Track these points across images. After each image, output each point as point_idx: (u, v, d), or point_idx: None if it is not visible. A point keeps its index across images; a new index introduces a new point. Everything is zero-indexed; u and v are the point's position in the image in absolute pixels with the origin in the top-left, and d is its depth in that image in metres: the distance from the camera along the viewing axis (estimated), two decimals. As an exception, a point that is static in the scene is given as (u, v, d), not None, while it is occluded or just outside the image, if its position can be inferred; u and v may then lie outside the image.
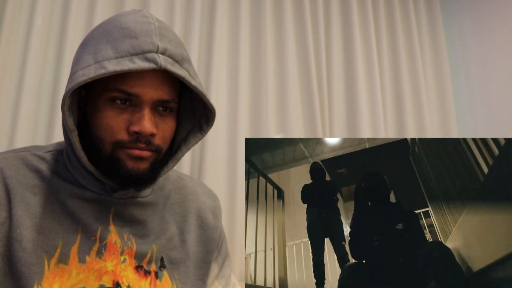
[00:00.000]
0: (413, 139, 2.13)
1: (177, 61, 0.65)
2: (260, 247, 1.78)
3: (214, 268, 0.87)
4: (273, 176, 2.19)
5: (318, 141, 2.14)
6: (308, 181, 2.11)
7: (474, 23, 2.11)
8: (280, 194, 2.18)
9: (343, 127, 1.88)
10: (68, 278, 0.64)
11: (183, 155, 0.76)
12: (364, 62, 1.95)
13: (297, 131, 1.77)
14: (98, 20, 1.54)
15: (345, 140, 2.15)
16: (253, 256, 1.75)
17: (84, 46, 0.67)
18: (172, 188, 0.83)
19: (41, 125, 1.47)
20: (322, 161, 2.39)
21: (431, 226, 2.24)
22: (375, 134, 1.88)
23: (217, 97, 1.66)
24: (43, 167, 0.69)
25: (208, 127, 0.76)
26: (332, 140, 2.15)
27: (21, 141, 1.39)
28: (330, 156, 2.44)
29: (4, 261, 0.62)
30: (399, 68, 2.01)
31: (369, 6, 2.00)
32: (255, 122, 1.71)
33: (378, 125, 1.88)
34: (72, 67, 0.65)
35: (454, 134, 2.03)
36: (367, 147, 2.25)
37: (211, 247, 0.84)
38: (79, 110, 0.70)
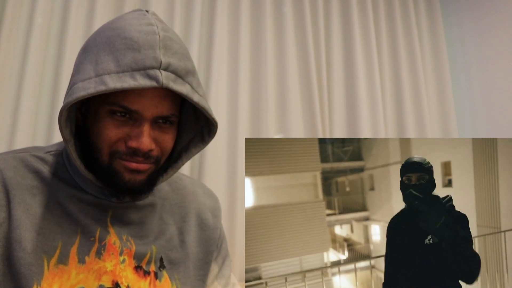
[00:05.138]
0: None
1: (180, 76, 0.63)
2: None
3: (214, 268, 0.87)
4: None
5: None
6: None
7: (474, 23, 2.11)
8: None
9: (343, 127, 1.88)
10: (68, 278, 0.65)
11: (183, 164, 0.76)
12: (364, 62, 1.95)
13: (297, 131, 1.77)
14: (98, 20, 1.54)
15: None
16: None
17: (85, 52, 0.65)
18: (169, 189, 0.84)
19: (41, 125, 1.47)
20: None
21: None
22: (375, 134, 1.88)
23: (217, 97, 1.66)
24: (43, 168, 0.69)
25: (210, 138, 0.75)
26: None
27: (21, 141, 1.39)
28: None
29: (4, 262, 0.62)
30: (399, 68, 2.01)
31: (369, 6, 2.00)
32: (255, 122, 1.71)
33: (378, 125, 1.87)
34: (73, 75, 0.64)
35: (454, 134, 2.03)
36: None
37: (211, 248, 0.84)
38: (79, 113, 0.70)
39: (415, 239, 0.88)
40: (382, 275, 0.91)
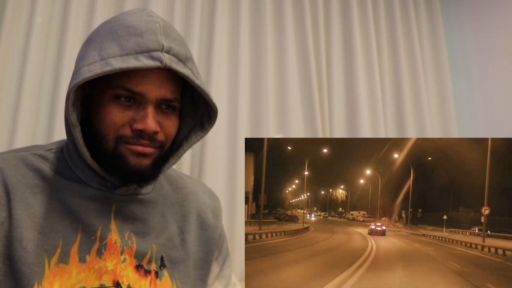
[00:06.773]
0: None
1: (181, 60, 0.65)
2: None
3: (215, 268, 0.87)
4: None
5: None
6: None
7: (474, 23, 2.12)
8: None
9: (343, 127, 1.88)
10: (69, 277, 0.64)
11: (184, 152, 0.76)
12: (364, 62, 1.95)
13: (297, 131, 1.77)
14: (98, 20, 1.54)
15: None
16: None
17: (88, 43, 0.67)
18: (170, 187, 0.84)
19: (41, 125, 1.47)
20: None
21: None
22: (375, 134, 1.88)
23: (217, 97, 1.66)
24: (44, 166, 0.69)
25: (210, 126, 0.77)
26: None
27: (21, 141, 1.39)
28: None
29: (4, 261, 0.62)
30: (399, 68, 2.01)
31: (369, 6, 2.00)
32: (255, 122, 1.71)
33: (378, 125, 1.88)
34: (77, 63, 0.66)
35: (454, 134, 2.04)
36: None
37: (211, 247, 0.84)
38: (82, 106, 0.70)
39: None
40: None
